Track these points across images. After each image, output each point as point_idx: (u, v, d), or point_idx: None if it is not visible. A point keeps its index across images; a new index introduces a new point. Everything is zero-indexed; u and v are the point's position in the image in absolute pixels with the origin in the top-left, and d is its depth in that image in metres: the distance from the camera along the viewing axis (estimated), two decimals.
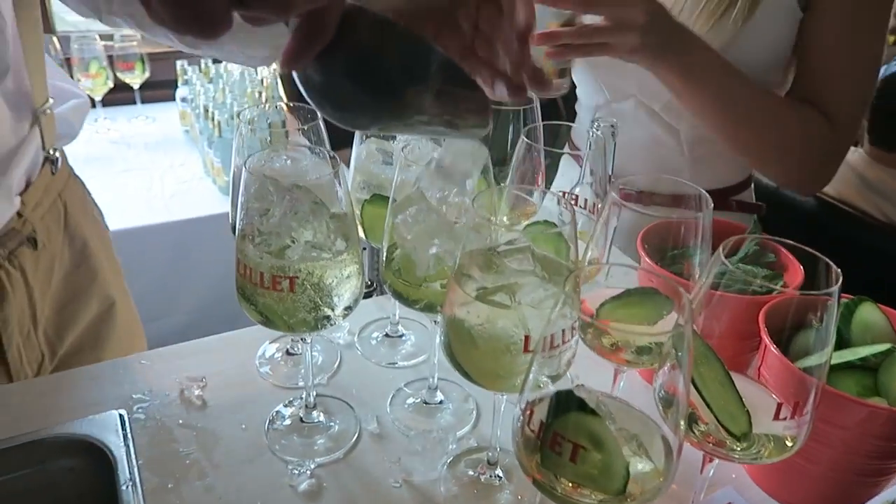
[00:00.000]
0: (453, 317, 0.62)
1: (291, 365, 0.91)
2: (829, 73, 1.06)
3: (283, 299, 0.66)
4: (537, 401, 0.55)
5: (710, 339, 0.63)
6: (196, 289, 2.07)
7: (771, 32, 1.05)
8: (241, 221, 0.67)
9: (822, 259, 0.58)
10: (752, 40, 1.03)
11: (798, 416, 0.57)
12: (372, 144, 0.84)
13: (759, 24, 1.02)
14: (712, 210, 0.68)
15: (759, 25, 1.03)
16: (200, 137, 2.25)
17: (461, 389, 0.88)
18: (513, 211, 0.80)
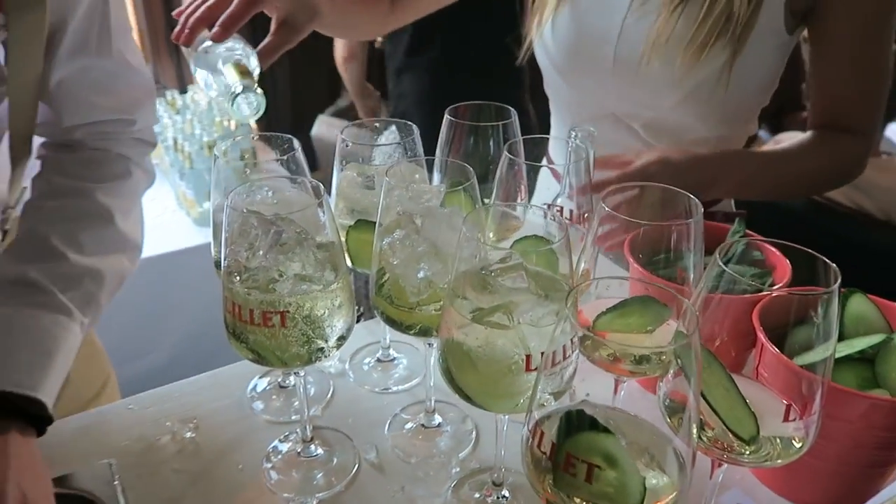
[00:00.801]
0: (451, 340, 0.61)
1: (284, 398, 0.89)
2: (848, 97, 1.08)
3: (275, 335, 0.64)
4: (545, 420, 0.54)
5: (711, 344, 0.63)
6: (175, 326, 2.03)
7: (761, 58, 1.05)
8: (226, 258, 0.65)
9: (818, 258, 0.58)
10: (743, 68, 1.04)
11: (806, 415, 0.57)
12: (352, 170, 0.83)
13: (749, 51, 1.03)
14: (702, 214, 0.68)
15: (749, 53, 1.03)
16: (171, 170, 2.22)
17: (458, 410, 0.86)
18: (499, 227, 0.79)
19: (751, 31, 1.00)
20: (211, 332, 1.97)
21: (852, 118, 1.09)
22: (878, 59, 1.05)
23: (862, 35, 1.03)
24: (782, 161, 1.11)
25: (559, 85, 1.22)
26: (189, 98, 2.53)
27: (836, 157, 1.12)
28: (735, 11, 0.98)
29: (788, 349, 0.62)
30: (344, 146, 0.82)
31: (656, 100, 1.10)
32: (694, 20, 1.01)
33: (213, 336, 1.92)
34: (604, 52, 1.10)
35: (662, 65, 1.05)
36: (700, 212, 0.68)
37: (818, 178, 1.16)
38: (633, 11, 1.07)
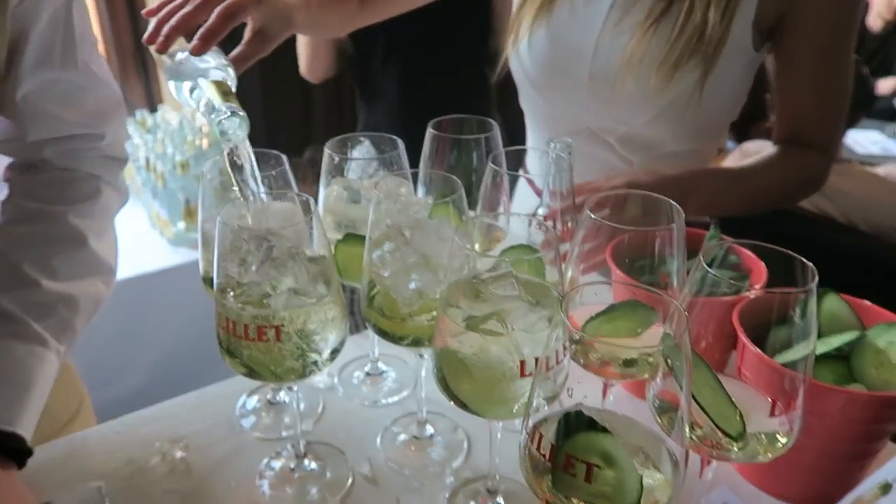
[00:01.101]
0: (445, 348, 0.62)
1: (274, 415, 0.89)
2: (815, 113, 1.12)
3: (270, 349, 0.65)
4: (542, 423, 0.55)
5: (696, 346, 0.65)
6: (152, 348, 2.01)
7: (730, 76, 1.08)
8: (218, 275, 0.66)
9: (795, 258, 0.60)
10: (714, 85, 1.07)
11: (790, 410, 0.59)
12: (338, 185, 0.84)
13: (720, 69, 1.06)
14: (684, 219, 0.70)
15: (719, 71, 1.06)
16: (143, 190, 2.20)
17: (449, 420, 0.87)
18: (484, 238, 0.81)
19: (722, 50, 1.03)
20: (189, 353, 1.96)
21: (815, 133, 1.13)
22: (839, 75, 1.09)
23: (823, 53, 1.07)
24: (749, 178, 1.15)
25: (535, 100, 1.24)
26: (160, 117, 2.51)
27: (800, 173, 1.16)
28: (707, 31, 1.01)
29: (769, 349, 0.65)
30: (331, 161, 0.83)
31: (630, 116, 1.13)
32: (667, 40, 1.04)
33: (191, 357, 1.90)
34: (579, 70, 1.13)
35: (637, 83, 1.08)
36: (682, 217, 0.70)
37: (783, 193, 1.20)
38: (607, 30, 1.09)
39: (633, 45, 1.06)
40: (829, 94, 1.11)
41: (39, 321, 0.77)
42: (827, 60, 1.08)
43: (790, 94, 1.13)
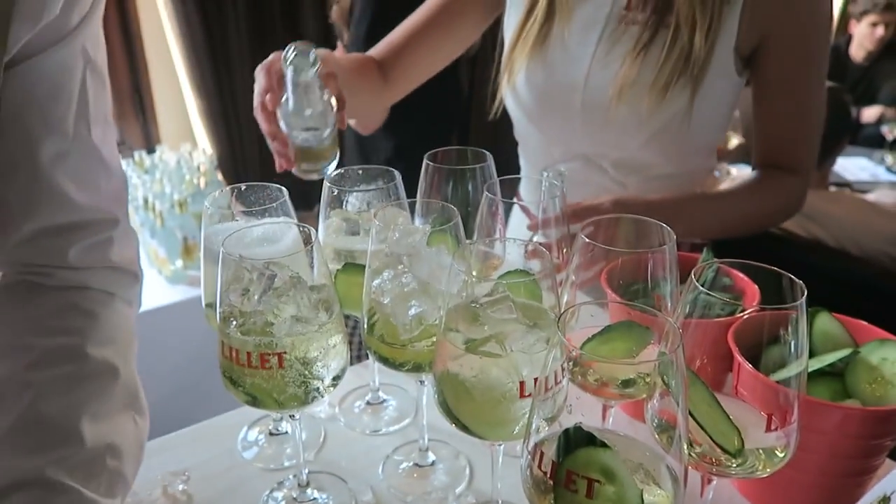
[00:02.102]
0: (446, 372, 0.63)
1: (276, 446, 0.89)
2: (791, 137, 1.16)
3: (273, 376, 0.66)
4: (542, 442, 0.56)
5: (691, 366, 0.66)
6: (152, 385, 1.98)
7: (717, 98, 1.13)
8: (221, 304, 0.67)
9: (784, 275, 0.62)
10: (702, 107, 1.11)
11: (787, 425, 0.60)
12: (336, 217, 0.86)
13: (707, 91, 1.10)
14: (675, 242, 0.72)
15: (706, 93, 1.10)
16: (141, 229, 2.22)
17: (451, 447, 0.87)
18: (481, 265, 0.83)
19: (707, 71, 1.08)
20: (189, 390, 1.95)
21: (791, 157, 1.17)
22: (812, 101, 1.14)
23: (797, 79, 1.12)
24: (729, 202, 1.19)
25: (531, 131, 1.28)
26: (157, 157, 2.55)
27: (778, 196, 1.20)
28: (693, 52, 1.06)
29: (764, 367, 0.66)
30: (329, 193, 0.84)
31: (624, 140, 1.16)
32: (655, 64, 1.08)
33: (191, 394, 1.89)
34: (572, 100, 1.17)
35: (629, 108, 1.11)
36: (673, 239, 0.72)
37: (762, 216, 1.24)
38: (597, 61, 1.14)
39: (623, 72, 1.10)
40: (804, 119, 1.15)
41: (89, 483, 0.66)
42: (800, 87, 1.13)
43: (767, 119, 1.17)
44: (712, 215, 1.17)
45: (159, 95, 2.93)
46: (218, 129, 2.78)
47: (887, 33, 3.85)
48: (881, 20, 3.79)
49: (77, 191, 0.73)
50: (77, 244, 0.74)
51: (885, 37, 3.86)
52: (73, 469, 0.65)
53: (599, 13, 1.14)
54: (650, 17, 1.09)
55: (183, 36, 2.67)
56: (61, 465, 0.64)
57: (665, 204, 1.10)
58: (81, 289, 0.76)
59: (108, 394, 0.72)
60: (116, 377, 0.73)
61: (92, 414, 0.69)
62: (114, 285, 0.79)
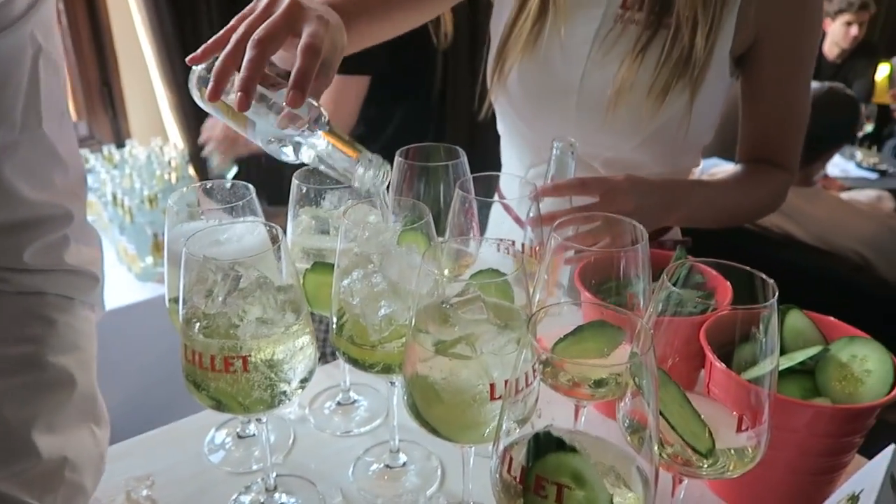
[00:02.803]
0: (415, 374, 0.62)
1: (243, 448, 0.87)
2: (778, 134, 1.18)
3: (237, 380, 0.64)
4: (513, 445, 0.55)
5: (663, 364, 0.65)
6: (121, 384, 1.96)
7: (712, 99, 1.12)
8: (184, 306, 0.65)
9: (756, 275, 0.62)
10: (700, 109, 1.11)
11: (757, 425, 0.60)
12: (306, 215, 0.84)
13: (704, 94, 1.10)
14: (647, 241, 0.71)
15: (704, 96, 1.10)
16: (110, 225, 2.17)
17: (423, 448, 0.86)
18: (453, 263, 0.81)
19: (706, 73, 1.07)
20: (159, 388, 1.91)
21: (780, 154, 1.19)
22: (800, 99, 1.15)
23: (787, 80, 1.13)
24: (725, 192, 1.19)
25: (520, 130, 1.25)
26: (127, 152, 2.49)
27: (769, 191, 1.22)
28: (693, 54, 1.05)
29: (736, 365, 0.66)
30: (298, 191, 0.83)
31: (620, 142, 1.15)
32: (655, 66, 1.06)
33: (161, 393, 1.86)
34: (567, 101, 1.15)
35: (628, 110, 1.10)
36: (646, 238, 0.71)
37: (752, 209, 1.25)
38: (593, 62, 1.11)
39: (622, 73, 1.08)
40: (792, 118, 1.17)
41: (45, 497, 0.64)
42: (790, 87, 1.14)
43: (756, 117, 1.18)
44: (709, 204, 1.17)
45: (129, 89, 2.86)
46: (189, 123, 2.73)
47: (860, 32, 3.90)
48: (855, 19, 3.84)
49: (27, 186, 0.70)
50: (31, 244, 0.72)
51: (858, 36, 3.91)
52: (28, 483, 0.63)
53: (595, 11, 1.11)
54: (648, 17, 1.07)
55: (153, 28, 2.62)
56: (16, 479, 0.63)
57: (673, 188, 1.10)
58: (39, 294, 0.73)
59: (66, 404, 0.70)
60: (74, 386, 0.71)
61: (48, 425, 0.67)
62: (72, 289, 0.76)
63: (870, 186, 3.14)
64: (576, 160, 0.98)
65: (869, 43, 4.17)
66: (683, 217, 1.13)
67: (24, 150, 0.69)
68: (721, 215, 1.20)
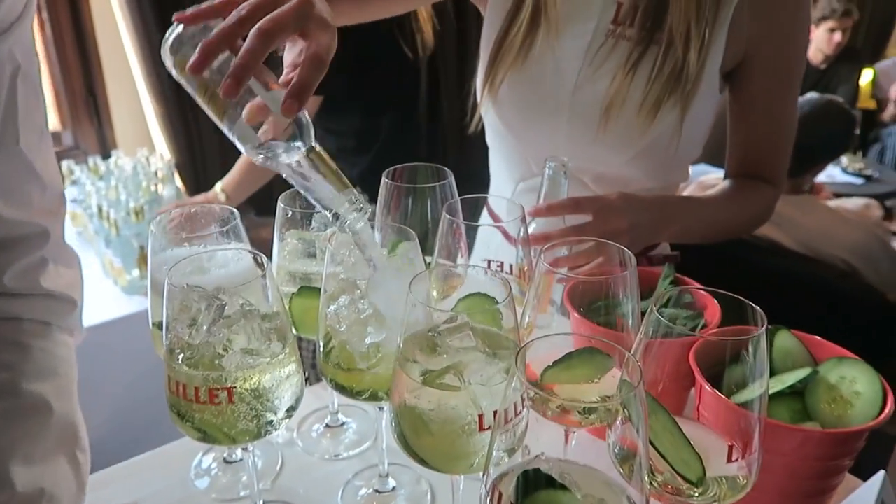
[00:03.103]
0: (403, 404, 0.61)
1: (231, 474, 0.86)
2: (766, 149, 1.19)
3: (223, 412, 0.63)
4: (501, 478, 0.54)
5: (653, 387, 0.65)
6: (107, 401, 1.94)
7: (702, 114, 1.13)
8: (167, 336, 0.64)
9: (745, 303, 0.61)
10: (691, 124, 1.11)
11: (748, 454, 0.60)
12: (293, 238, 0.83)
13: (694, 110, 1.10)
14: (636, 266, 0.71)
15: (695, 112, 1.10)
16: (96, 238, 2.15)
17: (412, 472, 0.86)
18: (442, 285, 0.81)
19: (699, 87, 1.07)
20: (145, 405, 1.89)
21: (768, 169, 1.20)
22: (788, 115, 1.16)
23: (774, 96, 1.14)
24: (716, 208, 1.20)
25: (510, 144, 1.24)
26: (113, 163, 2.47)
27: (758, 206, 1.23)
28: (685, 70, 1.05)
29: (726, 388, 0.65)
30: (284, 214, 0.82)
31: (609, 157, 1.14)
32: (647, 81, 1.06)
33: (148, 410, 1.83)
34: (558, 115, 1.14)
35: (619, 126, 1.09)
36: (634, 263, 0.71)
37: (741, 224, 1.26)
38: (585, 77, 1.11)
39: (614, 88, 1.08)
40: (780, 133, 1.18)
41: None
42: (778, 103, 1.14)
43: (745, 132, 1.19)
44: (700, 220, 1.18)
45: (115, 98, 2.84)
46: (177, 134, 2.71)
47: (844, 39, 3.94)
48: (839, 26, 3.88)
49: (2, 203, 0.68)
50: (10, 266, 0.71)
51: (841, 42, 3.95)
52: None
53: (587, 26, 1.11)
54: (640, 32, 1.07)
55: (138, 36, 2.60)
56: None
57: (665, 204, 1.11)
58: (15, 320, 0.72)
59: (43, 433, 0.69)
60: (51, 414, 0.70)
61: (24, 456, 0.66)
62: (50, 314, 0.75)
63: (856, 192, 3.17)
64: (569, 179, 0.98)
65: (852, 49, 4.21)
66: (675, 233, 1.14)
67: (1, 166, 0.68)
68: (711, 231, 1.21)
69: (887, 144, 3.93)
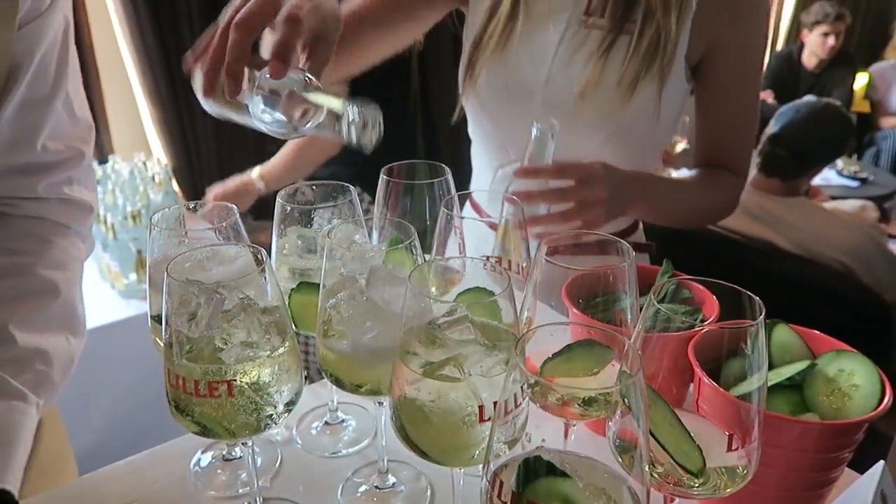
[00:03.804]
0: (403, 397, 0.62)
1: (230, 472, 0.86)
2: (730, 140, 1.23)
3: (222, 405, 0.63)
4: (503, 469, 0.54)
5: (653, 381, 0.65)
6: (105, 404, 1.93)
7: (672, 98, 1.16)
8: (167, 330, 0.64)
9: (743, 293, 0.61)
10: (666, 103, 1.14)
11: (748, 444, 0.60)
12: (292, 234, 0.83)
13: (669, 89, 1.14)
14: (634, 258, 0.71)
15: (667, 93, 1.14)
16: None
17: (412, 468, 0.85)
18: (440, 281, 0.81)
19: (674, 61, 1.11)
20: (144, 408, 1.89)
21: (730, 158, 1.24)
22: (748, 107, 1.21)
23: (737, 88, 1.18)
24: (688, 191, 1.25)
25: (489, 131, 1.29)
26: (110, 167, 2.47)
27: (725, 194, 1.26)
28: (662, 40, 1.09)
29: (724, 381, 0.66)
30: (283, 210, 0.82)
31: (585, 140, 1.18)
32: (621, 63, 1.10)
33: (146, 413, 1.83)
34: (532, 100, 1.19)
35: (593, 108, 1.14)
36: (632, 255, 0.71)
37: (708, 210, 1.30)
38: (558, 63, 1.16)
39: (587, 73, 1.12)
40: (741, 125, 1.22)
41: (17, 377, 0.76)
42: (738, 95, 1.19)
43: (708, 123, 1.23)
44: (672, 201, 1.21)
45: (111, 103, 2.84)
46: (174, 138, 2.71)
47: (837, 43, 3.97)
48: (832, 30, 3.91)
49: (48, 136, 0.83)
50: (45, 180, 0.85)
51: (835, 46, 3.98)
52: (3, 363, 0.75)
53: (562, 16, 1.16)
54: (611, 21, 1.11)
55: (135, 42, 2.60)
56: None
57: (644, 179, 1.14)
58: (40, 219, 0.86)
59: (47, 310, 0.82)
60: (57, 296, 0.83)
61: (27, 324, 0.79)
62: (69, 218, 0.89)
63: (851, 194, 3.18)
64: (556, 142, 0.99)
65: (846, 53, 4.24)
66: (648, 210, 1.17)
67: (48, 108, 0.82)
68: (680, 212, 1.24)
69: (882, 147, 3.96)
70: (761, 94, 4.29)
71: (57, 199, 0.88)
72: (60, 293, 0.84)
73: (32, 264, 0.83)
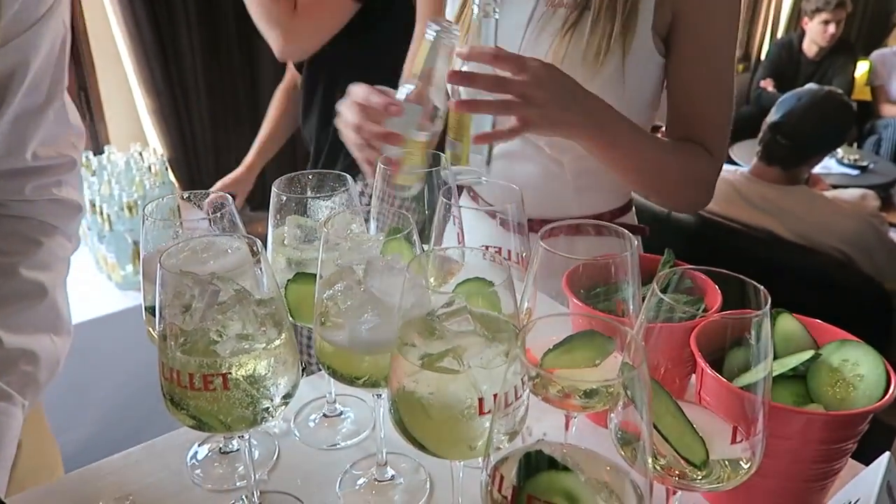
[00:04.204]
0: (401, 389, 0.60)
1: (227, 465, 0.85)
2: (700, 115, 1.19)
3: (218, 398, 0.62)
4: (503, 463, 0.54)
5: (655, 372, 0.64)
6: (101, 396, 1.93)
7: (644, 73, 1.15)
8: (161, 322, 0.63)
9: (748, 282, 0.60)
10: (632, 79, 1.14)
11: (752, 436, 0.59)
12: (290, 223, 0.82)
13: (635, 64, 1.13)
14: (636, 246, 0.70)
15: (634, 66, 1.13)
16: (89, 233, 2.14)
17: (411, 460, 0.85)
18: (440, 271, 0.80)
19: (634, 33, 1.11)
20: (140, 400, 1.88)
21: (701, 132, 1.19)
22: (719, 79, 1.17)
23: (706, 59, 1.16)
24: (655, 143, 1.18)
25: None
26: (105, 159, 2.45)
27: (696, 164, 1.20)
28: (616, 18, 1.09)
29: (727, 372, 0.65)
30: (279, 200, 0.81)
31: None
32: (584, 36, 1.11)
33: (142, 405, 1.83)
34: None
35: None
36: (634, 245, 0.70)
37: (674, 175, 1.20)
38: (527, 43, 1.17)
39: (553, 49, 1.13)
40: (711, 99, 1.19)
41: (2, 377, 0.76)
42: (707, 67, 1.16)
43: (679, 97, 1.20)
44: (632, 144, 1.13)
45: (106, 94, 2.82)
46: (170, 129, 2.69)
47: (838, 30, 3.94)
48: (832, 18, 3.88)
49: (41, 145, 0.83)
50: (33, 183, 0.85)
51: (836, 34, 3.95)
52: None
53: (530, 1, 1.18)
54: (574, 0, 1.13)
55: (130, 32, 2.58)
56: None
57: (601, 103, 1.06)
58: (27, 219, 0.86)
59: (32, 311, 0.82)
60: (43, 297, 0.83)
61: (13, 324, 0.79)
62: (56, 218, 0.89)
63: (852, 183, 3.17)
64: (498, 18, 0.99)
65: (846, 41, 4.21)
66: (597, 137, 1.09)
67: (43, 116, 0.82)
68: (641, 164, 1.16)
69: (883, 136, 3.94)
70: (762, 83, 4.29)
71: (44, 199, 0.87)
72: (47, 294, 0.83)
73: (17, 265, 0.82)
